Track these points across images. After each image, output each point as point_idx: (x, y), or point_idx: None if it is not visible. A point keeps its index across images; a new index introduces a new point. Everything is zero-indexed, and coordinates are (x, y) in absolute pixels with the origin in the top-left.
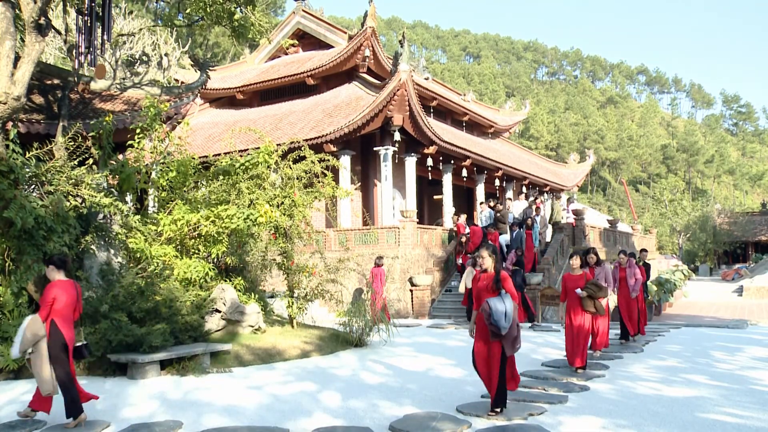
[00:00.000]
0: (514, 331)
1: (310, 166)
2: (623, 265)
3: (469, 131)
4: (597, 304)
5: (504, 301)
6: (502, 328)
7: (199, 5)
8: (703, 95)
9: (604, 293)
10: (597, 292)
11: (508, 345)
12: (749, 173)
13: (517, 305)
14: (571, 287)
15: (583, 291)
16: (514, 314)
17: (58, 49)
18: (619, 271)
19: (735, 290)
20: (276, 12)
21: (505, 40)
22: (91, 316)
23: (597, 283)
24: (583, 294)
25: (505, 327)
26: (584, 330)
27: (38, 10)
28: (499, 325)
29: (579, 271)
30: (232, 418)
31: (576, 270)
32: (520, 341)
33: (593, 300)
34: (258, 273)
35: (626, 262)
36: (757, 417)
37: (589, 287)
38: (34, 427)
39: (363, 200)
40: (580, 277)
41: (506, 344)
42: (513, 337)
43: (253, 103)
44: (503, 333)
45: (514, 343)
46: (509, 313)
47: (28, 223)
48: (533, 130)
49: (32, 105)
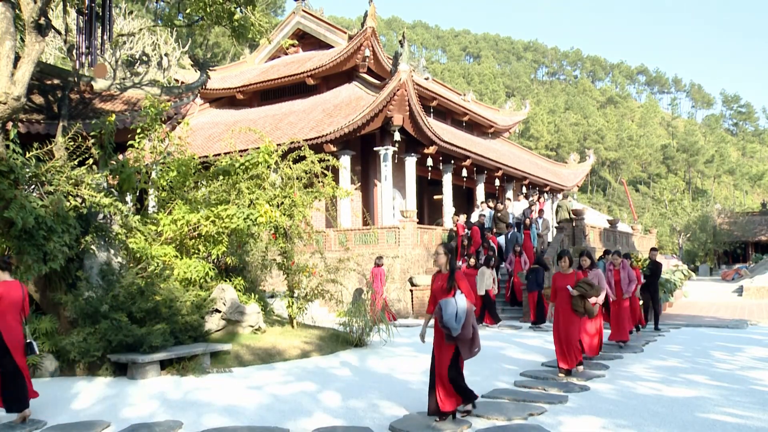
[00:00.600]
0: (469, 333)
1: (310, 166)
2: (617, 266)
3: (469, 131)
4: (587, 304)
5: (456, 301)
6: (453, 330)
7: (199, 5)
8: (703, 95)
9: (596, 292)
10: (589, 291)
11: (465, 348)
12: (749, 173)
13: (472, 306)
14: (561, 286)
15: (575, 289)
16: (469, 316)
17: (58, 49)
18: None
19: (735, 290)
20: (276, 12)
21: (505, 40)
22: (91, 316)
23: (589, 282)
24: (574, 292)
25: (456, 329)
26: (572, 331)
27: (38, 10)
28: (449, 326)
29: (569, 270)
30: (232, 418)
31: (566, 269)
32: (478, 344)
33: (584, 300)
34: (258, 273)
35: (620, 264)
36: (757, 417)
37: (581, 286)
38: (34, 427)
39: (363, 200)
40: (571, 276)
41: (462, 347)
42: (469, 340)
43: (253, 103)
44: (454, 335)
45: (471, 346)
46: (460, 315)
47: (28, 223)
48: (533, 130)
49: (32, 105)
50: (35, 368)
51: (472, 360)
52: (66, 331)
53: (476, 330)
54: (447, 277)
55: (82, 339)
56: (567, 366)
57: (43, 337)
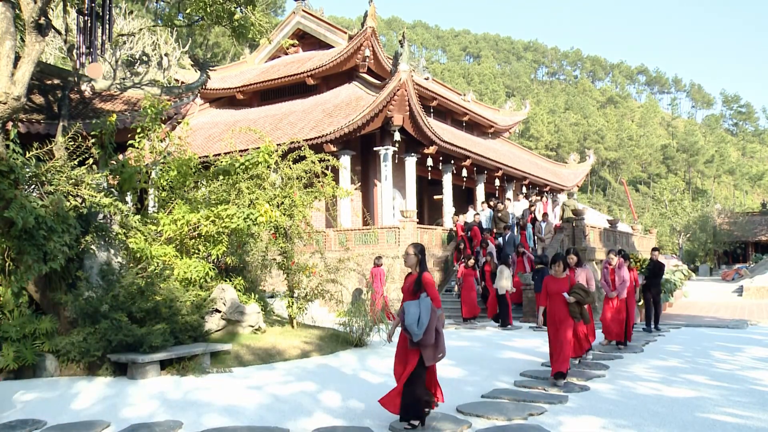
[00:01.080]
0: (431, 339)
1: (310, 166)
2: (613, 266)
3: (469, 131)
4: (583, 310)
5: (420, 305)
6: (414, 335)
7: (199, 5)
8: (703, 95)
9: (591, 299)
10: (585, 298)
11: (427, 354)
12: (749, 173)
13: (437, 310)
14: (553, 290)
15: (570, 296)
16: (432, 320)
17: (58, 49)
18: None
19: (735, 290)
20: (276, 12)
21: (505, 40)
22: (91, 316)
23: (584, 288)
24: (571, 299)
25: (417, 334)
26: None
27: (38, 10)
28: (410, 331)
29: (563, 275)
30: (232, 418)
31: (560, 274)
32: (442, 350)
33: (581, 306)
34: (258, 273)
35: (616, 263)
36: (757, 417)
37: (577, 292)
38: (34, 427)
39: (363, 200)
40: (564, 281)
41: (425, 353)
42: (431, 345)
43: (253, 103)
44: (415, 339)
45: (435, 352)
46: (423, 319)
47: (28, 223)
48: (533, 130)
49: (32, 105)
50: (35, 368)
51: (472, 360)
52: (66, 331)
53: (440, 335)
54: (414, 279)
55: (82, 339)
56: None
57: (43, 337)
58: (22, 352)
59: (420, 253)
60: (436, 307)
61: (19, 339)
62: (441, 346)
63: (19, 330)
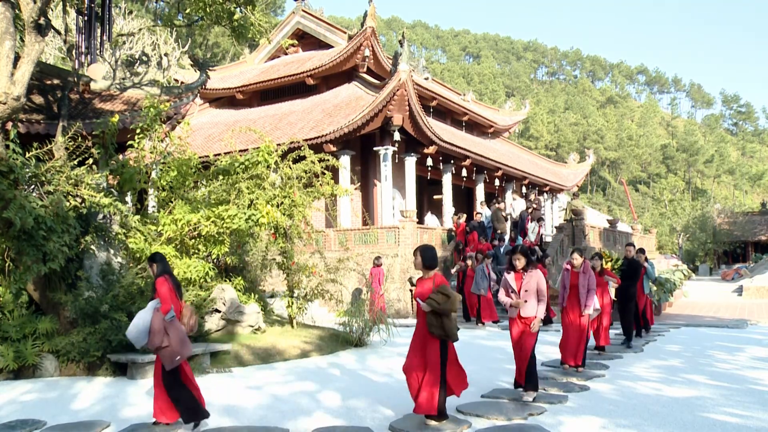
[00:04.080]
0: (157, 341)
1: (310, 165)
2: (576, 268)
3: (468, 131)
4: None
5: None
6: (135, 342)
7: (199, 5)
8: (703, 95)
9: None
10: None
11: (165, 358)
12: (749, 173)
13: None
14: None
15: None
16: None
17: (58, 49)
18: (570, 276)
19: (735, 290)
20: (276, 12)
21: (505, 40)
22: (91, 316)
23: (445, 291)
24: (425, 307)
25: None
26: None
27: (38, 10)
28: (129, 337)
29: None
30: (232, 418)
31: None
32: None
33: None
34: (258, 273)
35: (581, 266)
36: (757, 417)
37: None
38: (34, 427)
39: (363, 200)
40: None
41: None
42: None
43: (253, 103)
44: (138, 347)
45: (172, 355)
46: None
47: (27, 223)
48: (533, 130)
49: (32, 105)
50: (35, 368)
51: (472, 360)
52: (66, 331)
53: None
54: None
55: (82, 339)
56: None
57: (42, 337)
58: (22, 352)
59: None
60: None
61: (19, 339)
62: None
63: (19, 330)
